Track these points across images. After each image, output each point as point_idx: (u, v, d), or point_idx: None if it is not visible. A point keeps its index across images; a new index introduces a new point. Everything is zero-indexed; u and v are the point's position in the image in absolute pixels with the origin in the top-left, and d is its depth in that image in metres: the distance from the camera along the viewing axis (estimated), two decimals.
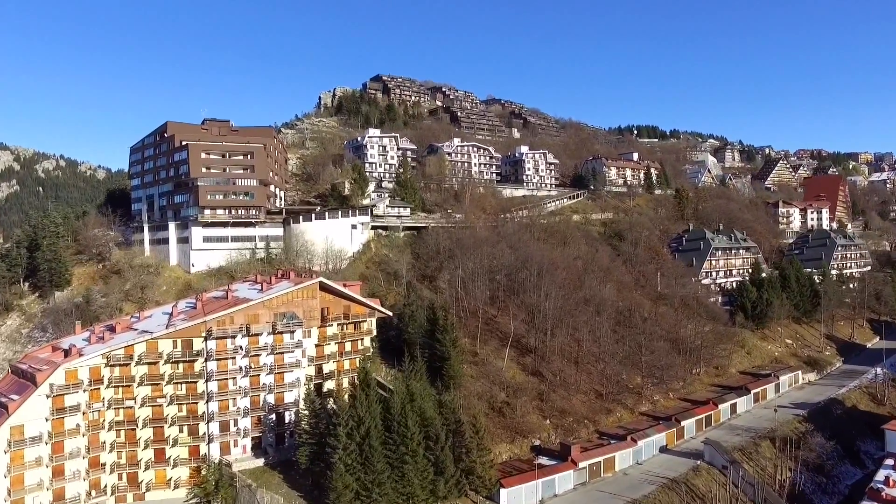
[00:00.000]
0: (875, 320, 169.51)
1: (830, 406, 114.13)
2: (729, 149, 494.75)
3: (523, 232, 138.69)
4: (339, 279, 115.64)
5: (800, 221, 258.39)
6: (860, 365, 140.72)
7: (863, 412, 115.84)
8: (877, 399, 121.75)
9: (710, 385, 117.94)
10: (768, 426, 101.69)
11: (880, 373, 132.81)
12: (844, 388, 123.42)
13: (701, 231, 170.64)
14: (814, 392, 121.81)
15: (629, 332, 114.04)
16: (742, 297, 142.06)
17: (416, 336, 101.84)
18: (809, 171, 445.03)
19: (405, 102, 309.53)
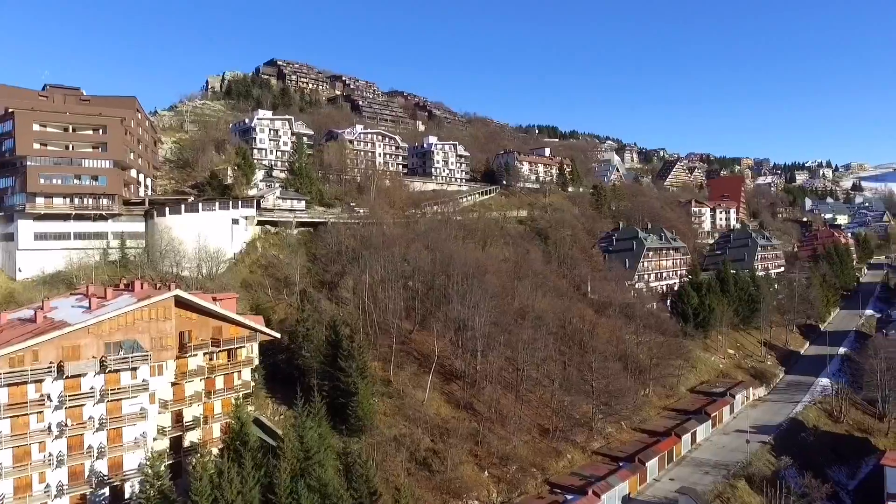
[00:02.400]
0: (802, 325, 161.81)
1: (793, 428, 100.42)
2: (628, 150, 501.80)
3: (440, 229, 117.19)
4: (215, 288, 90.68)
5: (710, 221, 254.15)
6: (802, 375, 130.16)
7: (825, 433, 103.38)
8: (833, 416, 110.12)
9: (663, 409, 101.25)
10: (736, 459, 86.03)
11: (828, 385, 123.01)
12: (800, 406, 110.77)
13: (632, 230, 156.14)
14: (769, 411, 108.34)
15: (575, 350, 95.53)
16: (683, 304, 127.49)
17: (314, 362, 78.66)
18: (703, 173, 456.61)
19: (302, 90, 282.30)
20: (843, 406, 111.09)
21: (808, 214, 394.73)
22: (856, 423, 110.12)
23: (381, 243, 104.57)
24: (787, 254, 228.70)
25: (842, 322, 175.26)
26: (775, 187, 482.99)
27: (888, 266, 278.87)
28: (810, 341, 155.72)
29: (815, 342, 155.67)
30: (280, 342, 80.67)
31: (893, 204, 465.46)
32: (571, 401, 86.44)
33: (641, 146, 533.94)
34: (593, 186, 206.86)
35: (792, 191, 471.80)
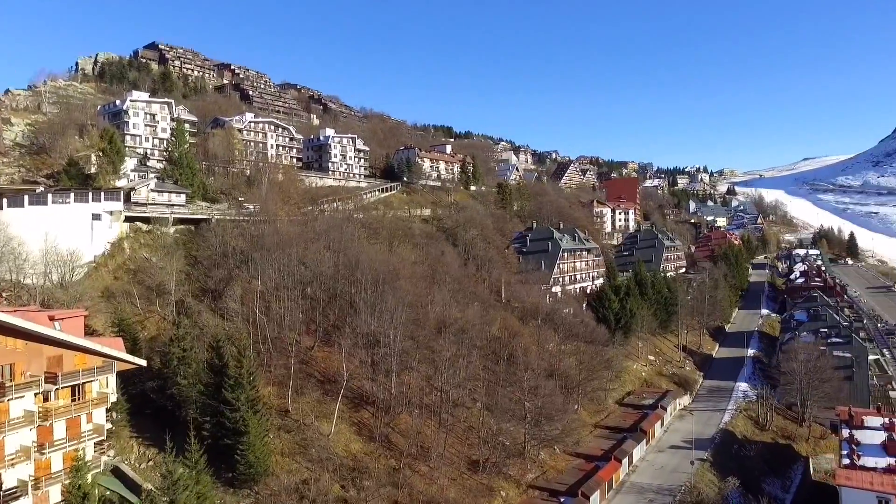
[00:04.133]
0: (710, 327, 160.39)
1: (726, 441, 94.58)
2: (522, 151, 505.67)
3: (342, 228, 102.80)
4: (68, 299, 73.18)
5: (610, 222, 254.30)
6: (720, 380, 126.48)
7: (754, 443, 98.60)
8: (759, 424, 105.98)
9: (595, 427, 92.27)
10: (679, 481, 78.23)
11: (747, 390, 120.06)
12: (727, 415, 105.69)
13: (547, 230, 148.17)
14: (698, 422, 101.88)
15: (503, 366, 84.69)
16: (604, 308, 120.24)
17: (192, 391, 63.20)
18: (594, 175, 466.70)
19: (186, 76, 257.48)
20: (767, 413, 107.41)
21: (693, 216, 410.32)
22: (780, 429, 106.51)
23: (274, 244, 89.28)
24: (686, 255, 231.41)
25: (743, 322, 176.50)
26: (661, 190, 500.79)
27: (769, 266, 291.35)
28: (720, 343, 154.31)
29: (724, 344, 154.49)
30: (149, 367, 64.48)
31: (763, 207, 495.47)
32: (501, 426, 75.46)
33: (534, 148, 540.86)
34: (498, 185, 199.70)
35: (676, 194, 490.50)
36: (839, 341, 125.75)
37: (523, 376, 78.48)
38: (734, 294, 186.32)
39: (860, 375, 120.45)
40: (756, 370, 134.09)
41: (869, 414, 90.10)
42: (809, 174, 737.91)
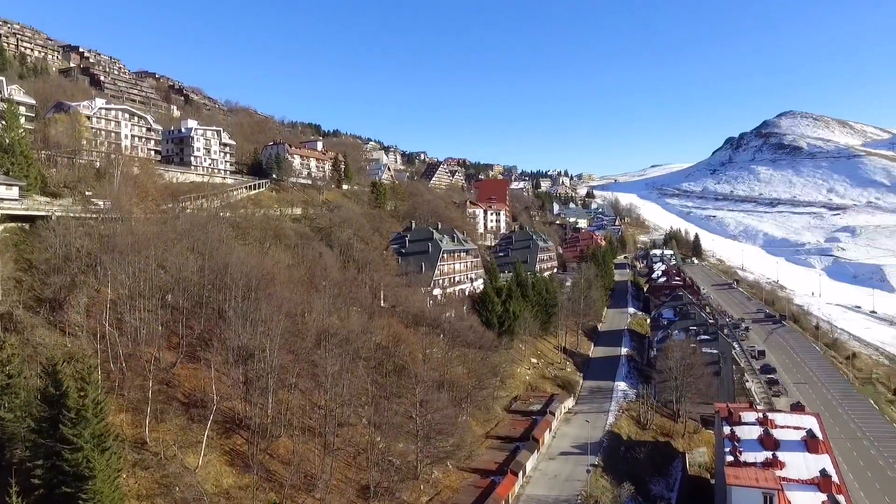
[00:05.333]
0: (585, 327, 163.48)
1: (613, 444, 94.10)
2: (391, 152, 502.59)
3: (209, 226, 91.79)
4: None
5: (482, 223, 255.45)
6: (599, 380, 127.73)
7: (640, 443, 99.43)
8: (641, 423, 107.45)
9: (486, 437, 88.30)
10: (574, 491, 75.95)
11: (626, 389, 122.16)
12: (611, 416, 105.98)
13: (426, 230, 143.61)
14: (584, 425, 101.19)
15: (392, 379, 78.38)
16: (487, 311, 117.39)
17: (19, 428, 51.72)
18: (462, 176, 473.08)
19: (24, 55, 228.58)
20: (647, 412, 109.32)
21: (557, 218, 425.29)
22: (659, 427, 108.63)
23: (128, 245, 77.34)
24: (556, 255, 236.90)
25: (614, 321, 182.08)
26: (527, 192, 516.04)
27: (629, 265, 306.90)
28: (595, 343, 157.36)
29: (599, 343, 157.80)
30: None
31: (619, 210, 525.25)
32: (391, 445, 69.40)
33: (403, 149, 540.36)
34: (371, 184, 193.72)
35: (541, 196, 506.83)
36: (707, 338, 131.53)
37: (413, 389, 72.75)
38: (604, 293, 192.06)
39: (726, 370, 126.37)
40: (631, 369, 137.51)
41: (744, 409, 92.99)
42: (658, 180, 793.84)
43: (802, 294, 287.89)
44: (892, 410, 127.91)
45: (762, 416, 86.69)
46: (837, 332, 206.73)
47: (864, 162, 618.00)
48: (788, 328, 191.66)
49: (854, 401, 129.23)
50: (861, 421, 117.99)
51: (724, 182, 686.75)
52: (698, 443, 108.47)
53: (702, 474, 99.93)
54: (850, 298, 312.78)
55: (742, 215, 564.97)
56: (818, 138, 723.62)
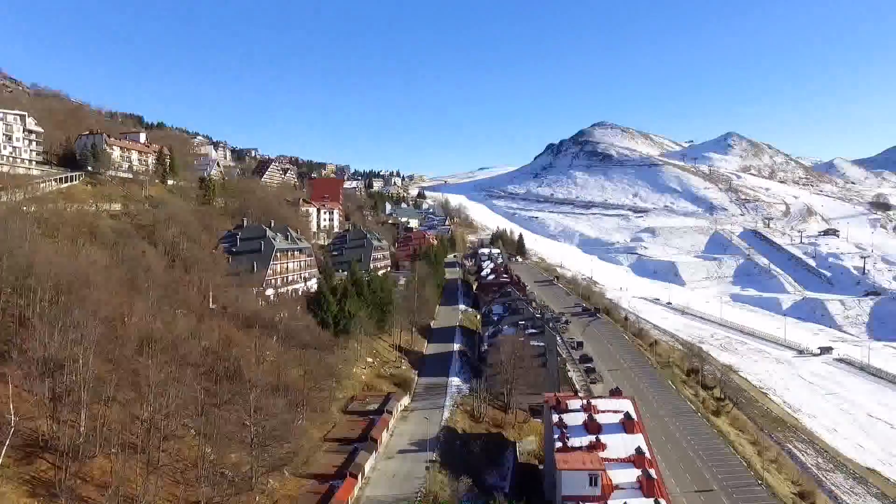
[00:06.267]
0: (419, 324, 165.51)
1: (449, 438, 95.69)
2: (220, 147, 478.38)
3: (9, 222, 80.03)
4: None
5: (316, 221, 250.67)
6: (434, 376, 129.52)
7: (472, 436, 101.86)
8: (475, 417, 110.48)
9: (323, 440, 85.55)
10: (413, 489, 75.77)
11: (460, 384, 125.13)
12: (446, 412, 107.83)
13: (259, 228, 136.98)
14: (421, 422, 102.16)
15: (225, 386, 73.11)
16: (322, 311, 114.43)
17: None
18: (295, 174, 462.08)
19: None
20: (480, 405, 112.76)
21: (390, 217, 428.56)
22: (491, 419, 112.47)
23: None
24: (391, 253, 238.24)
25: (446, 318, 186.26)
26: (359, 192, 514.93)
27: (459, 264, 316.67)
28: (429, 340, 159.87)
29: (433, 340, 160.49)
30: None
31: (449, 210, 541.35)
32: (223, 456, 64.85)
33: (233, 145, 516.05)
34: (200, 179, 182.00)
35: (373, 195, 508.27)
36: (535, 332, 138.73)
37: (247, 394, 68.66)
38: (437, 291, 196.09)
39: (552, 361, 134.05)
40: (464, 364, 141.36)
41: (570, 397, 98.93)
42: (486, 182, 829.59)
43: (613, 289, 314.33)
44: (685, 389, 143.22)
45: (586, 403, 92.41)
46: (642, 322, 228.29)
47: (662, 170, 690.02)
48: (602, 320, 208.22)
49: (656, 383, 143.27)
50: (662, 400, 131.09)
51: (545, 185, 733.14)
52: (528, 432, 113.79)
53: (531, 461, 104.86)
54: (651, 292, 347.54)
55: (561, 216, 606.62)
56: (625, 148, 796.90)
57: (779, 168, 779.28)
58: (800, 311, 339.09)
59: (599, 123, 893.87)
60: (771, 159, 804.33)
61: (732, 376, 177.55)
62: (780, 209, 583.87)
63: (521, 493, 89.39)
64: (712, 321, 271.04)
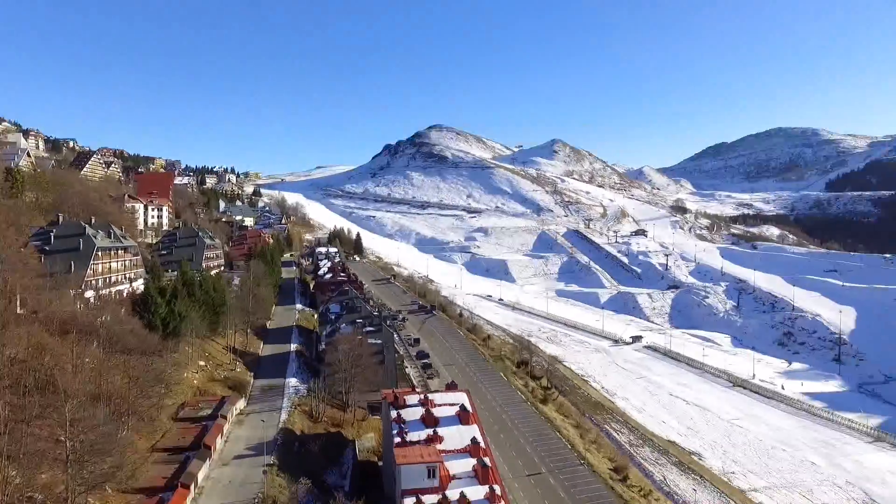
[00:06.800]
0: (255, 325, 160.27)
1: (287, 440, 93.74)
2: (32, 136, 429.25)
3: None
4: None
5: (143, 219, 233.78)
6: (271, 378, 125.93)
7: (311, 436, 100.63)
8: (313, 417, 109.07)
9: (152, 451, 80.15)
10: (251, 494, 73.51)
11: (298, 385, 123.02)
12: (284, 413, 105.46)
13: (77, 225, 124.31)
14: (257, 425, 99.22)
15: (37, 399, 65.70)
16: (150, 313, 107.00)
17: None
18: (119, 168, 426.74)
19: None
20: (318, 405, 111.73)
21: (224, 215, 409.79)
22: (330, 419, 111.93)
23: None
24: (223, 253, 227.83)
25: (282, 318, 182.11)
26: (191, 188, 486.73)
27: (295, 263, 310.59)
28: (264, 341, 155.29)
29: (269, 341, 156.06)
30: None
31: (285, 209, 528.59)
32: (32, 478, 58.75)
33: (47, 134, 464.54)
34: (6, 170, 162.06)
35: (206, 193, 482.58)
36: (372, 329, 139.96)
37: (62, 406, 62.75)
38: (273, 291, 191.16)
39: (389, 358, 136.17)
40: (301, 364, 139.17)
41: (408, 393, 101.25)
42: (323, 181, 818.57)
43: (448, 286, 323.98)
44: (516, 380, 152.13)
45: (423, 398, 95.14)
46: (476, 318, 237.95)
47: (494, 173, 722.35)
48: (438, 317, 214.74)
49: (489, 375, 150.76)
50: (495, 391, 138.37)
51: (382, 185, 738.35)
52: (367, 429, 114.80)
53: (371, 458, 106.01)
54: (484, 289, 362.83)
55: (398, 216, 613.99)
56: (460, 150, 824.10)
57: (597, 174, 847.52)
58: (615, 304, 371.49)
59: (435, 126, 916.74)
60: (591, 165, 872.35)
61: (558, 366, 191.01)
62: (598, 211, 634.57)
63: (361, 491, 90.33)
64: (540, 315, 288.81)
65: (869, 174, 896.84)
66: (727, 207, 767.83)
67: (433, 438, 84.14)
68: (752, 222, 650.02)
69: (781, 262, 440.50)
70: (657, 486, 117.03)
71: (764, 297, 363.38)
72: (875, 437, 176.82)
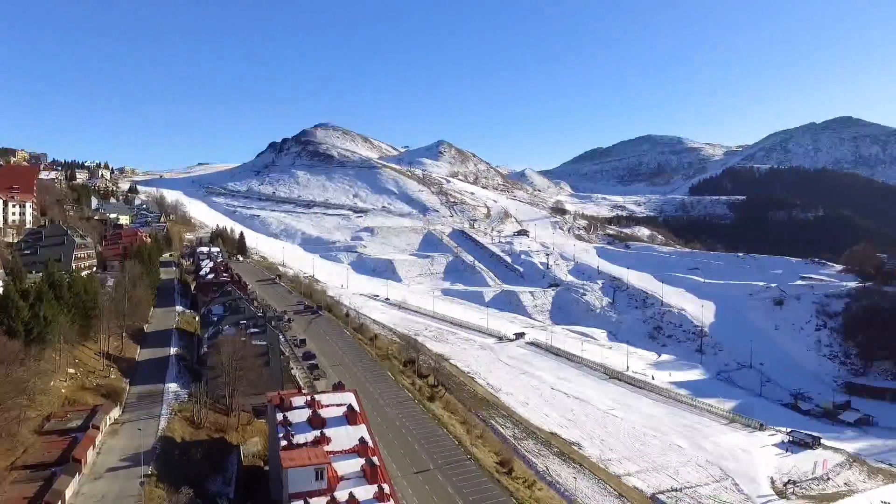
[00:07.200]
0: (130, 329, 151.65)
1: (167, 449, 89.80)
2: None
3: None
4: None
5: (1, 215, 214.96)
6: (148, 384, 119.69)
7: (193, 443, 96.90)
8: (195, 423, 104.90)
9: (10, 469, 73.72)
10: None
11: (178, 390, 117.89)
12: (163, 421, 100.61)
13: None
14: (134, 434, 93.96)
15: None
16: (10, 318, 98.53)
17: None
18: None
19: None
20: (201, 410, 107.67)
21: (97, 213, 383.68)
22: (213, 424, 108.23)
23: None
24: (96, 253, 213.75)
25: (161, 321, 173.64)
26: (60, 184, 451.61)
27: (175, 263, 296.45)
28: (141, 345, 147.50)
29: (146, 345, 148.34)
30: None
31: (165, 207, 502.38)
32: None
33: None
34: None
35: (77, 189, 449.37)
36: (257, 331, 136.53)
37: None
38: (151, 293, 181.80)
39: (275, 360, 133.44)
40: (182, 368, 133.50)
41: (294, 395, 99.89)
42: (205, 178, 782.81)
43: (334, 286, 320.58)
44: (403, 378, 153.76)
45: (310, 399, 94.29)
46: (362, 318, 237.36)
47: (381, 173, 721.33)
48: (325, 317, 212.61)
49: (377, 374, 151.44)
50: (383, 390, 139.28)
51: (267, 184, 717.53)
52: (251, 433, 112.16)
53: (256, 463, 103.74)
54: (370, 288, 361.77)
55: (283, 215, 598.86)
56: (347, 150, 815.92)
57: (482, 175, 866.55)
58: (499, 302, 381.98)
59: (322, 124, 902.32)
60: (475, 167, 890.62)
61: (445, 364, 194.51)
62: (482, 212, 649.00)
63: (246, 497, 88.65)
64: (426, 314, 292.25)
65: (725, 180, 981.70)
66: (603, 209, 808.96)
67: (321, 440, 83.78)
68: (625, 223, 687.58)
69: (651, 260, 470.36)
70: (540, 476, 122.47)
71: (636, 293, 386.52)
72: (730, 420, 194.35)
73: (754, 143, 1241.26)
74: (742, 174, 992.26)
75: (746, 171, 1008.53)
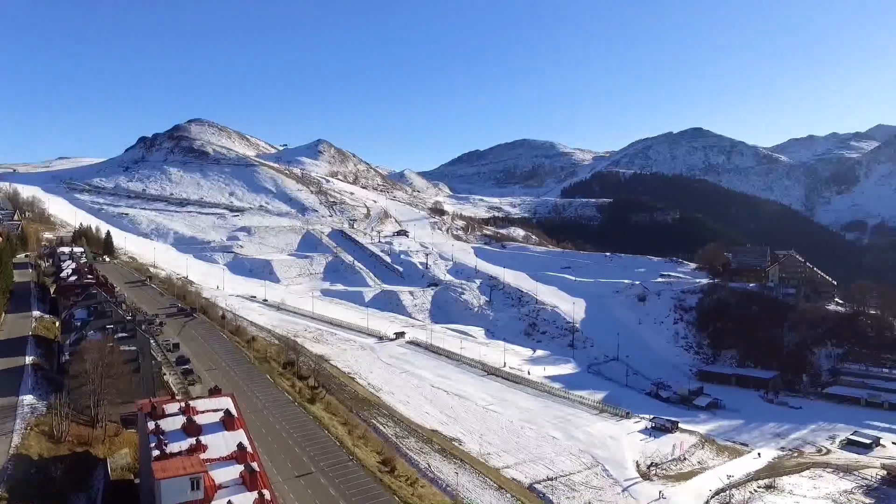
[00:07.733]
0: None
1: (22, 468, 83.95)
2: None
3: None
4: None
5: None
6: None
7: (53, 459, 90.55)
8: (55, 438, 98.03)
9: None
10: None
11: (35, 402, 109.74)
12: (17, 437, 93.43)
13: None
14: None
15: None
16: None
17: None
18: None
19: None
20: (61, 423, 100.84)
21: None
22: (76, 437, 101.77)
23: None
24: None
25: (15, 328, 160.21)
26: None
27: (32, 265, 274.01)
28: None
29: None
30: None
31: (19, 203, 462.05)
32: None
33: None
34: None
35: None
36: (126, 335, 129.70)
37: None
38: (3, 297, 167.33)
39: (145, 366, 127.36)
40: (39, 378, 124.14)
41: (167, 402, 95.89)
42: (66, 173, 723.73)
43: (209, 288, 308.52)
44: (283, 381, 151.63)
45: (185, 406, 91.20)
46: (240, 320, 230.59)
47: (258, 171, 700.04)
48: (199, 320, 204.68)
49: (255, 378, 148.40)
50: (262, 394, 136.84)
51: (137, 180, 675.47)
52: (120, 445, 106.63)
53: (126, 476, 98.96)
54: (247, 290, 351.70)
55: (154, 214, 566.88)
56: (222, 146, 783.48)
57: (361, 175, 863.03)
58: (379, 302, 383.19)
59: (196, 120, 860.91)
60: (355, 167, 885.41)
61: (325, 365, 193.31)
62: (362, 212, 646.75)
63: None
64: (306, 315, 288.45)
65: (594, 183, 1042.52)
66: (480, 210, 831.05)
67: (196, 448, 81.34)
68: (501, 224, 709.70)
69: (526, 260, 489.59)
70: (423, 473, 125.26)
71: (512, 292, 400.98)
72: (600, 410, 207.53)
73: (620, 150, 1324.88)
74: (609, 178, 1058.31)
75: (613, 175, 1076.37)
